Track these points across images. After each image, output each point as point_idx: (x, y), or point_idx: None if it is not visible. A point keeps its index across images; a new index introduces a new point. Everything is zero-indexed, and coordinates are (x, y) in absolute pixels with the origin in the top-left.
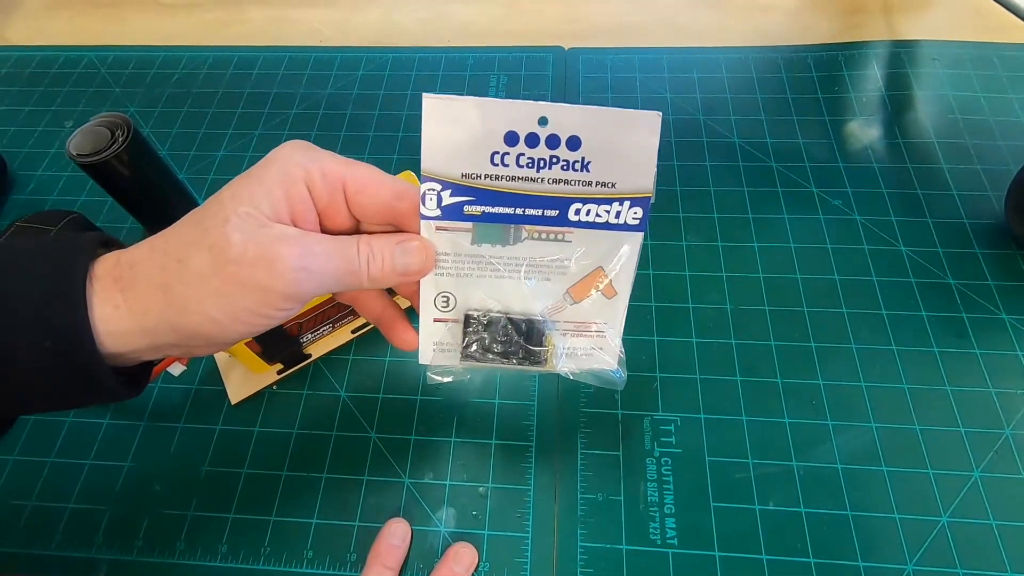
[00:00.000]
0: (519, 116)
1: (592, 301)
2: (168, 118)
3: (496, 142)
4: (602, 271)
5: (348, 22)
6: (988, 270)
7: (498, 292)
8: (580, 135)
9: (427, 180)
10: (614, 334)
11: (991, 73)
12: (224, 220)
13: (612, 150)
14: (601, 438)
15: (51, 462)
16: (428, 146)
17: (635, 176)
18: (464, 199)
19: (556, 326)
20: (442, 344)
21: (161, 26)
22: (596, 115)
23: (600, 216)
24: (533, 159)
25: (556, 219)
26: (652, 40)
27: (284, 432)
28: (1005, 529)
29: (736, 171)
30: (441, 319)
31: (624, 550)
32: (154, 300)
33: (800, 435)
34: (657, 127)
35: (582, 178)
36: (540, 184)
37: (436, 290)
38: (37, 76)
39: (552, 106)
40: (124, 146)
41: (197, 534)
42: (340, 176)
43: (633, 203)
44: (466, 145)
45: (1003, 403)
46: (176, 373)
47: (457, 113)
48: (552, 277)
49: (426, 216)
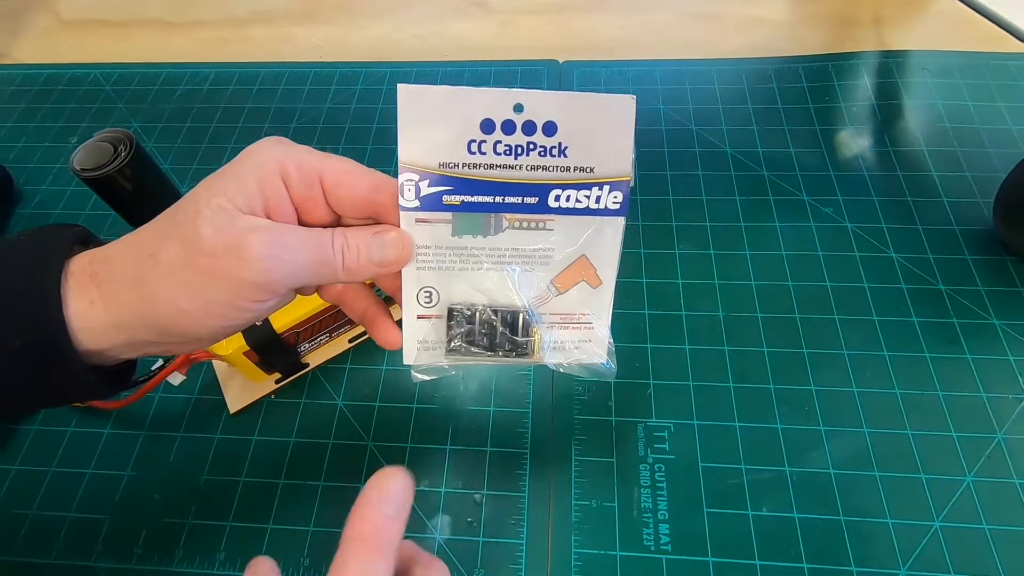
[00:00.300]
0: (495, 103)
1: (577, 291)
2: (170, 133)
3: (473, 130)
4: (586, 259)
5: (347, 39)
6: (978, 276)
7: (481, 284)
8: (556, 120)
9: (405, 171)
10: (602, 324)
11: (980, 82)
12: (196, 213)
13: (589, 135)
14: (595, 445)
15: (52, 471)
16: (404, 136)
17: (613, 160)
18: (442, 189)
19: (542, 318)
20: (426, 342)
21: (165, 44)
22: (571, 100)
23: (580, 201)
24: (510, 146)
25: (536, 206)
26: (645, 53)
27: (282, 441)
28: (997, 533)
29: (728, 180)
30: (424, 315)
31: (618, 556)
32: (128, 295)
33: (793, 441)
34: (632, 110)
35: (560, 164)
36: (518, 171)
37: (418, 285)
38: (43, 93)
39: (527, 92)
40: (126, 161)
41: (195, 542)
42: (316, 169)
43: (612, 187)
44: (443, 134)
45: (994, 408)
46: (176, 383)
47: (433, 102)
48: (536, 267)
49: (405, 207)
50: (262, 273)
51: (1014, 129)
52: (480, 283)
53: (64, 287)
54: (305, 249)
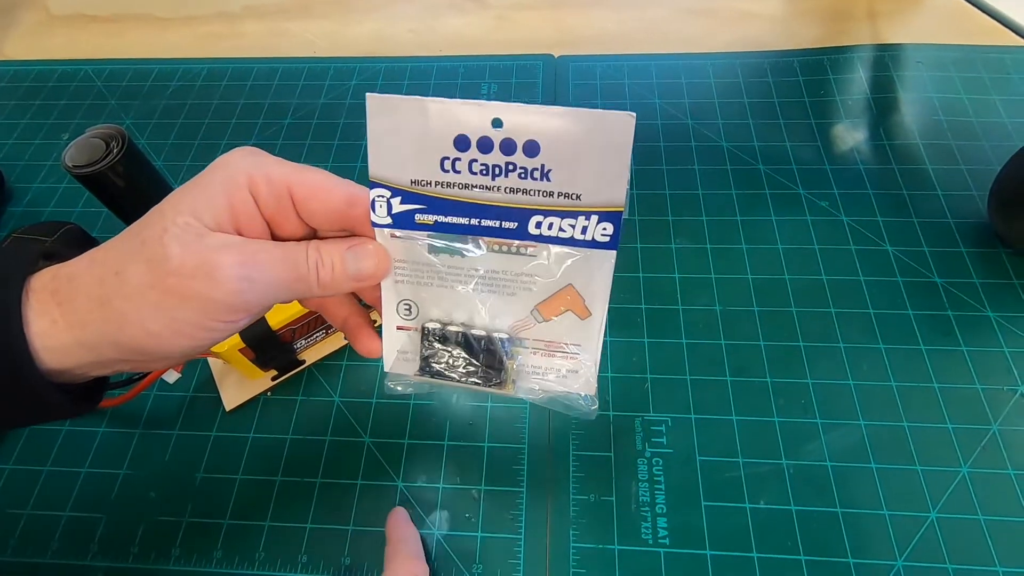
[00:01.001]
0: (470, 118)
1: (563, 319)
2: (163, 130)
3: (445, 146)
4: (573, 289)
5: (341, 34)
6: (973, 268)
7: (460, 305)
8: (538, 140)
9: (375, 186)
10: (589, 359)
11: (974, 75)
12: (163, 231)
13: (576, 157)
14: (592, 440)
15: (47, 471)
16: (374, 149)
17: (603, 188)
18: (414, 207)
19: (525, 343)
20: (406, 353)
21: (157, 40)
22: (557, 117)
23: (564, 231)
24: (487, 165)
25: (515, 232)
26: (640, 48)
27: (278, 438)
28: (993, 524)
29: (724, 174)
30: (404, 327)
31: (616, 550)
32: (92, 314)
33: (790, 434)
34: (630, 131)
35: (542, 188)
36: (496, 193)
37: (397, 297)
38: (34, 90)
39: (506, 106)
40: (119, 157)
41: (192, 540)
42: (287, 182)
43: (602, 218)
44: (414, 149)
45: (990, 399)
46: (171, 381)
47: (403, 114)
48: (517, 292)
49: (377, 224)
50: (234, 294)
51: (1008, 122)
52: (459, 303)
53: (26, 304)
54: (278, 266)
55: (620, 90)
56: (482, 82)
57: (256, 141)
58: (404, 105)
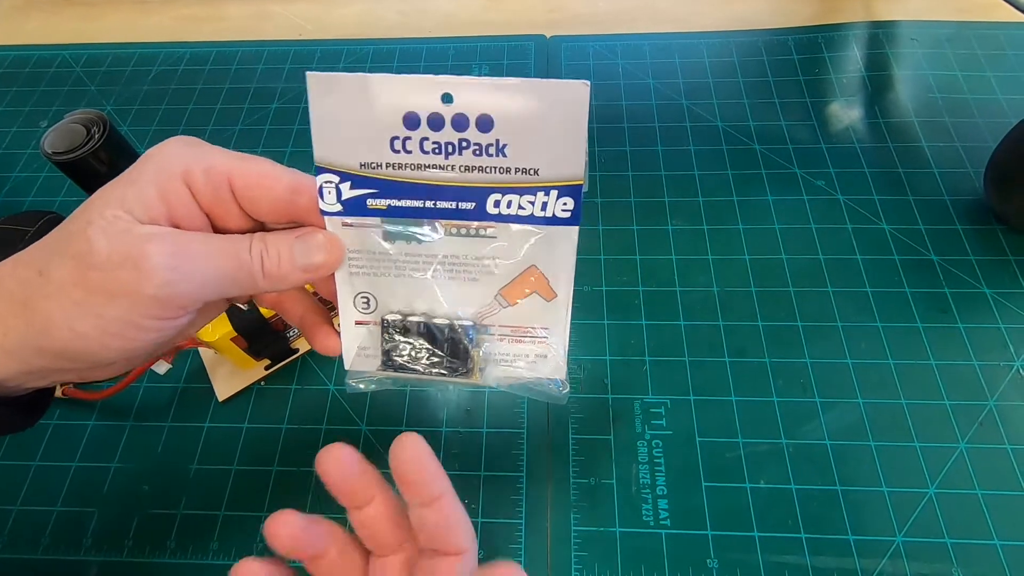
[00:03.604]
0: (418, 94)
1: (529, 303)
2: (146, 116)
3: (394, 125)
4: (536, 270)
5: (328, 16)
6: (969, 246)
7: (420, 294)
8: (491, 114)
9: (322, 171)
10: (558, 342)
11: (969, 52)
12: (87, 223)
13: (532, 131)
14: (592, 423)
15: (36, 465)
16: (319, 132)
17: (561, 161)
18: (365, 192)
19: (490, 331)
20: (366, 348)
21: (136, 23)
22: (509, 89)
23: (524, 208)
24: (440, 144)
25: (473, 212)
26: (633, 27)
27: (273, 428)
28: (991, 498)
29: (720, 154)
30: (363, 321)
31: (617, 532)
32: (15, 319)
33: (789, 413)
34: (585, 100)
35: (499, 164)
36: (451, 172)
37: (353, 290)
38: (9, 76)
39: (456, 80)
40: (100, 143)
41: (188, 532)
42: (226, 172)
43: (562, 192)
44: (361, 130)
45: (986, 375)
46: (161, 372)
47: (347, 93)
48: (480, 277)
49: (326, 211)
50: (163, 286)
51: (1003, 99)
52: (419, 292)
53: None
54: (214, 257)
55: (613, 70)
56: (473, 64)
57: (243, 126)
58: (347, 83)
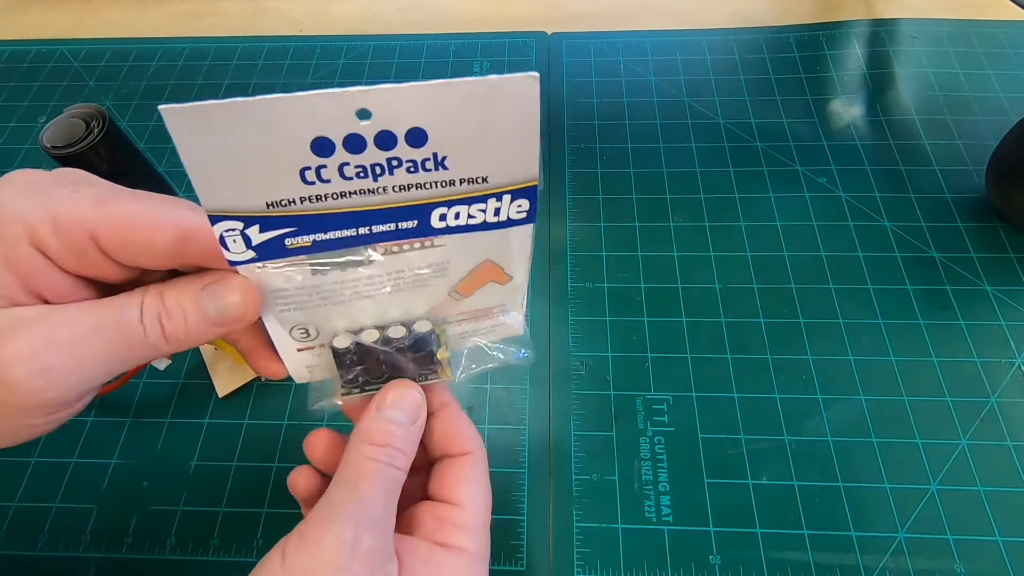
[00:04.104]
0: (324, 114)
1: (484, 289)
2: (145, 111)
3: (301, 155)
4: (491, 263)
5: (327, 12)
6: (971, 243)
7: (366, 312)
8: (423, 125)
9: (219, 220)
10: (516, 313)
11: (969, 50)
12: None
13: (475, 138)
14: (594, 419)
15: (34, 462)
16: (198, 177)
17: (513, 165)
18: (282, 232)
19: (448, 319)
20: (315, 366)
21: (134, 19)
22: (440, 94)
23: (474, 216)
24: (365, 167)
25: (416, 230)
26: (635, 24)
27: (274, 424)
28: (992, 495)
29: (721, 152)
30: (305, 347)
31: (620, 528)
32: None
33: (791, 410)
34: (535, 96)
35: (440, 178)
36: (383, 195)
37: (288, 326)
38: (7, 71)
39: (371, 91)
40: (100, 137)
41: (187, 529)
42: (85, 228)
43: (515, 196)
44: (257, 166)
45: (988, 372)
46: (161, 368)
47: (223, 126)
48: (430, 282)
49: (235, 261)
50: (33, 394)
51: (1003, 97)
52: (365, 311)
53: None
54: (95, 339)
55: (615, 68)
56: (474, 60)
57: None
58: (222, 114)
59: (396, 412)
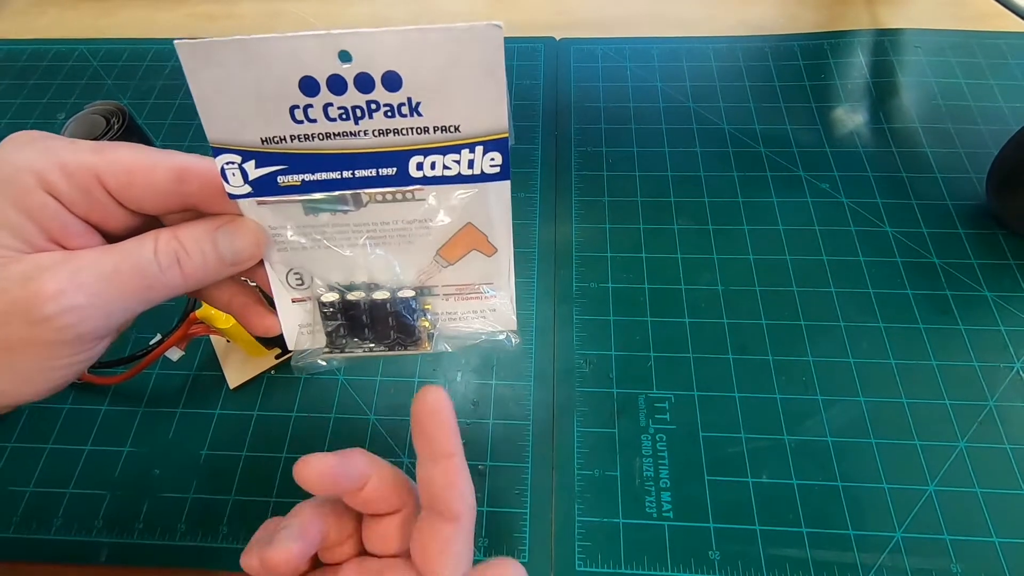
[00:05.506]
0: (310, 54)
1: (470, 260)
2: (161, 110)
3: (290, 92)
4: (473, 227)
5: (340, 15)
6: (971, 249)
7: (355, 264)
8: (398, 70)
9: (220, 152)
10: (504, 295)
11: (971, 60)
12: None
13: (445, 85)
14: (597, 416)
15: (49, 448)
16: (206, 109)
17: (482, 114)
18: (274, 169)
19: (435, 291)
20: (308, 325)
21: (151, 20)
22: (411, 41)
23: (449, 168)
24: (346, 108)
25: (395, 178)
26: (642, 31)
27: (283, 416)
28: (989, 496)
29: (726, 157)
30: (299, 299)
31: (621, 523)
32: None
33: (791, 410)
34: (499, 44)
35: (415, 124)
36: (364, 139)
37: (284, 268)
38: (28, 69)
39: (351, 34)
40: (120, 133)
41: (198, 516)
42: (90, 171)
43: (488, 148)
44: (254, 101)
45: (986, 376)
46: (174, 359)
47: (227, 61)
48: (415, 241)
49: (234, 195)
50: (66, 330)
51: (1005, 107)
52: (354, 262)
53: None
54: (116, 277)
55: (622, 73)
56: None
57: None
58: (224, 50)
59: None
